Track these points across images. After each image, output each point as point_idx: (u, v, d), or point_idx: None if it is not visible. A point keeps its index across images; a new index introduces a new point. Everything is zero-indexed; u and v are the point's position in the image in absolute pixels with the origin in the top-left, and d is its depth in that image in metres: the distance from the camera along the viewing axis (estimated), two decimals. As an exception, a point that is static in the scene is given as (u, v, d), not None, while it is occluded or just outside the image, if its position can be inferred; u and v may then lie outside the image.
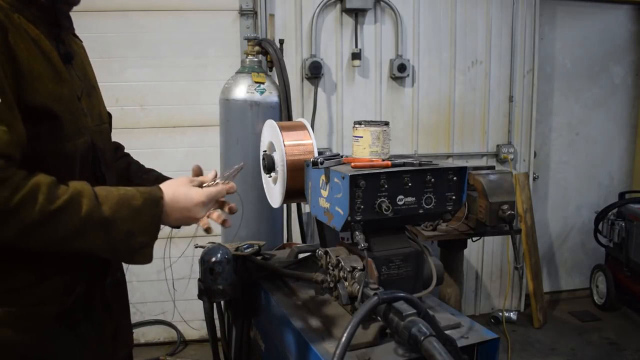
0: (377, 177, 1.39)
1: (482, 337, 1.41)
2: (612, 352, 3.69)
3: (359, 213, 1.38)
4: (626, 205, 4.11)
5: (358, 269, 1.36)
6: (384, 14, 3.82)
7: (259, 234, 2.28)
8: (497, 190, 2.66)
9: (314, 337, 1.40)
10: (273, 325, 1.71)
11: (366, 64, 3.83)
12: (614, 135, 4.70)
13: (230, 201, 1.43)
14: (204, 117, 3.52)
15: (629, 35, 4.59)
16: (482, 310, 4.35)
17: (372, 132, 1.55)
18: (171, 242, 2.12)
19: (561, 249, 4.74)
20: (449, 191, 1.51)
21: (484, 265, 4.29)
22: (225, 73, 2.66)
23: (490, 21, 4.01)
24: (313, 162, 1.51)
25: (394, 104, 3.93)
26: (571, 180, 4.65)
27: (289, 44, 3.64)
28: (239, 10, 3.56)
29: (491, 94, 4.09)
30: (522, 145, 4.21)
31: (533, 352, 3.69)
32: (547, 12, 4.32)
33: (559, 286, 4.76)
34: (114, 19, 3.39)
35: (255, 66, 2.37)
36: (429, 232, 2.81)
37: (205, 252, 1.83)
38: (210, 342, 2.01)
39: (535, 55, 4.11)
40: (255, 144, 2.17)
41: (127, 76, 3.50)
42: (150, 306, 3.74)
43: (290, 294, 1.72)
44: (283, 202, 1.79)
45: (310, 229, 3.48)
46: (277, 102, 2.33)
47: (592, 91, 4.58)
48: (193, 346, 3.76)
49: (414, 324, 1.12)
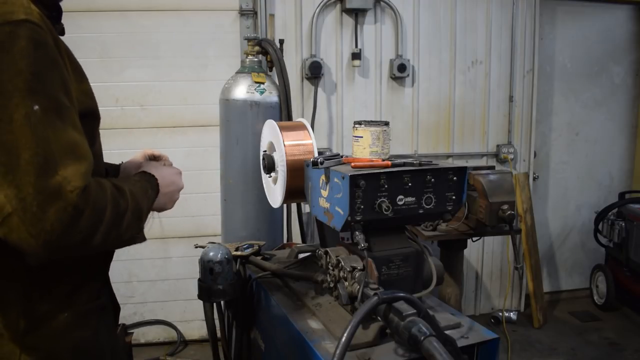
0: (377, 177, 1.39)
1: (482, 337, 1.41)
2: (612, 352, 3.69)
3: (359, 213, 1.38)
4: (626, 205, 4.11)
5: (358, 269, 1.36)
6: (384, 14, 3.82)
7: (259, 234, 2.29)
8: (497, 190, 2.66)
9: (314, 337, 1.40)
10: (273, 325, 1.71)
11: (366, 64, 3.83)
12: (614, 135, 4.70)
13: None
14: (204, 117, 3.52)
15: (629, 35, 4.59)
16: (482, 310, 4.35)
17: (372, 132, 1.55)
18: (171, 242, 2.14)
19: (561, 249, 4.74)
20: (449, 191, 1.51)
21: (484, 265, 4.29)
22: (225, 73, 2.67)
23: (490, 21, 4.01)
24: (313, 162, 1.51)
25: (394, 104, 3.93)
26: (571, 180, 4.65)
27: (289, 44, 3.64)
28: (239, 10, 3.56)
29: (491, 94, 4.09)
30: (522, 145, 4.21)
31: (533, 352, 3.69)
32: (547, 12, 4.32)
33: (559, 286, 4.76)
34: (114, 19, 3.39)
35: (255, 66, 2.37)
36: (429, 232, 2.81)
37: (205, 252, 1.83)
38: (210, 342, 2.01)
39: (535, 55, 4.11)
40: (255, 144, 2.17)
41: (127, 76, 3.50)
42: (150, 306, 3.74)
43: (290, 294, 1.72)
44: (283, 202, 1.79)
45: (310, 229, 3.49)
46: (277, 102, 2.33)
47: (592, 91, 4.58)
48: (193, 346, 3.76)
49: (414, 324, 1.12)
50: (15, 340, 1.02)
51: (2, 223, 0.89)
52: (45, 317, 1.06)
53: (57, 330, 1.07)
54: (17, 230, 0.88)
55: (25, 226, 0.87)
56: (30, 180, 0.87)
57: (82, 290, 1.14)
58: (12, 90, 0.87)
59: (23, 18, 0.89)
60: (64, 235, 0.90)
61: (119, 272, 3.47)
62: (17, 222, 0.87)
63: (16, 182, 0.87)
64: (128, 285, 3.66)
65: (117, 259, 1.31)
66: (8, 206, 0.87)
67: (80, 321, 1.12)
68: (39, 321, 1.05)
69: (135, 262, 3.59)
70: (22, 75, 0.87)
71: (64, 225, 0.89)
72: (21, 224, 0.87)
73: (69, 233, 0.91)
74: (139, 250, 3.60)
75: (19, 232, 0.88)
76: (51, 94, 0.92)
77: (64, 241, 0.91)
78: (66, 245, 0.92)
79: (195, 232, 3.63)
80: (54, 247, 0.90)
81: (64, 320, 1.08)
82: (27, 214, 0.87)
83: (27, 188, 0.87)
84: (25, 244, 0.89)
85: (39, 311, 1.05)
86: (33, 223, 0.87)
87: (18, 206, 0.87)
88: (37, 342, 1.04)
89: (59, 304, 1.08)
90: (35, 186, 0.87)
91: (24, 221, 0.87)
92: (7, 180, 0.87)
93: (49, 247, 0.90)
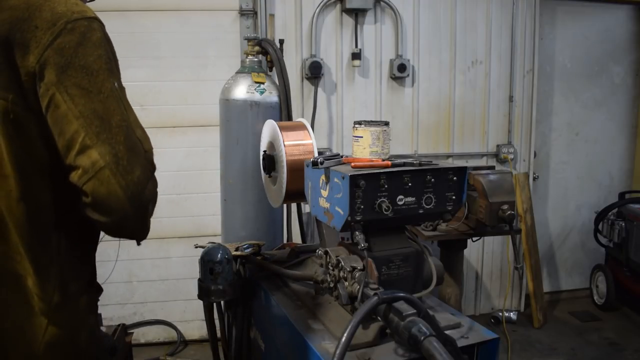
0: (377, 177, 1.39)
1: (482, 337, 1.41)
2: (612, 352, 3.69)
3: (359, 213, 1.38)
4: (626, 205, 4.11)
5: (358, 269, 1.36)
6: (384, 14, 3.82)
7: (259, 234, 2.29)
8: (497, 190, 2.66)
9: (314, 337, 1.40)
10: (273, 325, 1.71)
11: (366, 64, 3.83)
12: (614, 135, 4.70)
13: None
14: (204, 117, 3.52)
15: (629, 35, 4.59)
16: (482, 310, 4.35)
17: (372, 132, 1.55)
18: (171, 242, 2.13)
19: (561, 249, 4.74)
20: (449, 191, 1.51)
21: (484, 265, 4.29)
22: (225, 73, 2.66)
23: (490, 21, 4.01)
24: (313, 162, 1.51)
25: (394, 104, 3.93)
26: (571, 180, 4.65)
27: (289, 44, 3.64)
28: (239, 10, 3.56)
29: (491, 94, 4.09)
30: (522, 145, 4.21)
31: (533, 352, 3.69)
32: (547, 12, 4.32)
33: (559, 286, 4.76)
34: (114, 19, 3.38)
35: (255, 66, 2.37)
36: (429, 232, 2.80)
37: (205, 252, 1.83)
38: (210, 342, 2.02)
39: (535, 55, 4.11)
40: (255, 144, 2.17)
41: (127, 76, 3.45)
42: (150, 306, 3.74)
43: (290, 294, 1.72)
44: (283, 202, 1.80)
45: (310, 229, 3.49)
46: (277, 102, 2.33)
47: (592, 91, 4.58)
48: (193, 346, 3.76)
49: (414, 324, 1.12)
50: (45, 314, 1.09)
51: (94, 176, 1.00)
52: (74, 297, 1.15)
53: (80, 311, 1.16)
54: (108, 182, 1.01)
55: (117, 178, 1.01)
56: (121, 139, 1.03)
57: (94, 279, 1.24)
58: (98, 69, 1.05)
59: (94, 16, 1.10)
60: (146, 190, 1.06)
61: (119, 272, 3.46)
62: (109, 174, 1.01)
63: (110, 140, 1.02)
64: (128, 285, 3.66)
65: (117, 259, 1.32)
66: (101, 161, 1.00)
67: (92, 308, 1.22)
68: (68, 299, 1.13)
69: (135, 262, 3.59)
70: (102, 58, 1.07)
71: (147, 179, 1.07)
72: (112, 176, 1.01)
73: (150, 189, 1.07)
74: (139, 250, 3.58)
75: (109, 184, 1.01)
76: (119, 77, 1.13)
77: (145, 196, 1.06)
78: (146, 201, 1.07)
79: (195, 232, 3.63)
80: (136, 201, 1.04)
81: (85, 303, 1.18)
82: (119, 167, 1.02)
83: (118, 146, 1.02)
84: (113, 196, 1.01)
85: (70, 290, 1.13)
86: (124, 175, 1.02)
87: (111, 160, 1.01)
88: (63, 319, 1.11)
89: (82, 287, 1.18)
90: (126, 144, 1.04)
91: (116, 174, 1.01)
92: (101, 139, 1.01)
93: (134, 200, 1.03)
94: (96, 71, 1.04)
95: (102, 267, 1.54)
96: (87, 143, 1.00)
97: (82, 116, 1.01)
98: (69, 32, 1.02)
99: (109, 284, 3.48)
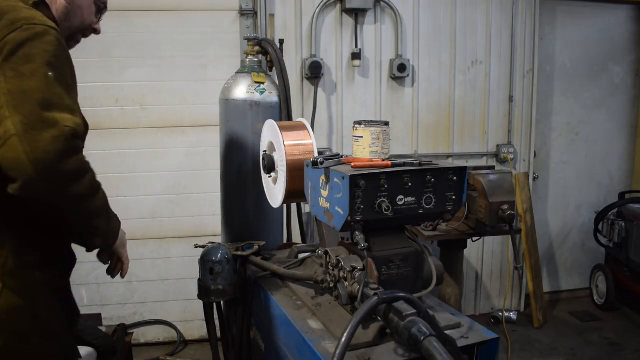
0: (377, 177, 1.39)
1: (482, 337, 1.41)
2: (612, 352, 3.69)
3: (359, 213, 1.38)
4: (626, 205, 4.11)
5: (358, 269, 1.36)
6: (384, 14, 3.82)
7: (259, 234, 2.28)
8: (497, 190, 2.66)
9: (314, 337, 1.40)
10: (273, 325, 1.71)
11: (366, 64, 3.83)
12: (614, 135, 4.70)
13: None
14: (204, 117, 3.52)
15: (629, 35, 4.59)
16: (482, 310, 4.35)
17: (372, 132, 1.55)
18: (171, 242, 2.12)
19: (561, 249, 4.74)
20: (449, 191, 1.51)
21: (484, 265, 4.29)
22: (225, 73, 2.66)
23: (490, 21, 4.01)
24: (313, 162, 1.51)
25: (394, 104, 3.93)
26: (571, 180, 4.65)
27: (289, 44, 3.64)
28: (239, 10, 3.56)
29: (491, 94, 4.09)
30: (522, 145, 4.21)
31: (533, 352, 3.69)
32: (547, 12, 4.32)
33: (559, 286, 4.76)
34: (114, 19, 3.38)
35: (255, 66, 2.37)
36: (429, 232, 2.81)
37: (205, 252, 1.83)
38: (210, 342, 2.02)
39: (535, 55, 4.11)
40: (255, 144, 2.17)
41: (127, 76, 3.50)
42: (150, 306, 3.74)
43: (290, 294, 1.72)
44: (283, 202, 1.80)
45: (310, 229, 3.49)
46: (277, 102, 2.33)
47: (592, 91, 4.58)
48: (193, 346, 3.76)
49: (414, 324, 1.12)
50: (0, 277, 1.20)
51: (5, 144, 1.08)
52: (29, 267, 1.25)
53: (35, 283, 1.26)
54: (14, 149, 1.07)
55: (23, 145, 1.07)
56: (34, 110, 1.10)
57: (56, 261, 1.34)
58: (38, 60, 1.14)
59: (54, 27, 1.21)
60: (54, 162, 1.09)
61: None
62: (16, 141, 1.07)
63: (24, 111, 1.09)
64: (128, 285, 3.65)
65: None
66: (13, 129, 1.08)
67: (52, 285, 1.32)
68: (23, 267, 1.24)
69: (135, 262, 3.54)
70: (47, 53, 1.16)
71: (57, 152, 1.10)
72: (19, 143, 1.07)
73: (59, 162, 1.10)
74: (139, 250, 3.61)
75: (16, 150, 1.07)
76: (63, 73, 1.19)
77: (60, 167, 1.11)
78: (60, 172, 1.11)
79: (195, 232, 3.63)
80: (41, 166, 1.08)
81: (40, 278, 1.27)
82: (26, 135, 1.08)
83: (31, 116, 1.09)
84: (17, 161, 1.08)
85: (25, 259, 1.24)
86: (30, 141, 1.08)
87: (21, 128, 1.08)
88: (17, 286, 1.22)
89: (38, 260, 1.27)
90: (39, 115, 1.10)
91: (22, 140, 1.07)
92: (18, 111, 1.09)
93: (38, 165, 1.08)
94: (35, 60, 1.14)
95: (102, 267, 1.54)
96: (5, 114, 1.09)
97: (10, 93, 1.10)
98: (25, 30, 1.15)
99: (109, 284, 3.49)
